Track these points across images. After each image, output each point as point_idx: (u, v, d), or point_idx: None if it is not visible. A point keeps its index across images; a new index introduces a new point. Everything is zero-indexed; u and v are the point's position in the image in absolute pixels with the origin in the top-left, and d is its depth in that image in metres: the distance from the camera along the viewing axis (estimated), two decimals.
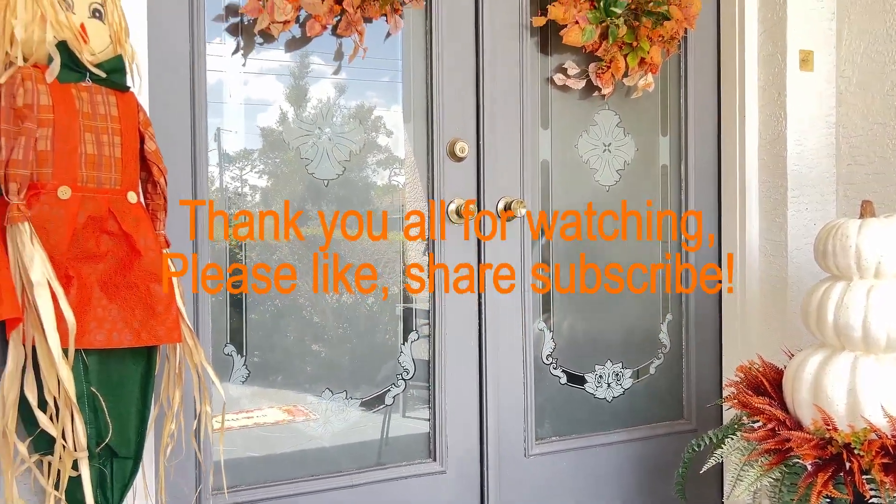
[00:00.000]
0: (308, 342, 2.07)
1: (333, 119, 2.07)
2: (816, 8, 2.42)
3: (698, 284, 2.55)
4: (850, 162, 2.43)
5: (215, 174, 1.96)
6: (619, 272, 2.45)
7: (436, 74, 2.15)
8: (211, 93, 1.91)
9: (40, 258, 1.33)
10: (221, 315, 1.95)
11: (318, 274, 2.06)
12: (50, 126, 1.39)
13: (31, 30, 1.39)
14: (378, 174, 2.15)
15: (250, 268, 1.98)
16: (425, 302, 2.19)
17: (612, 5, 2.21)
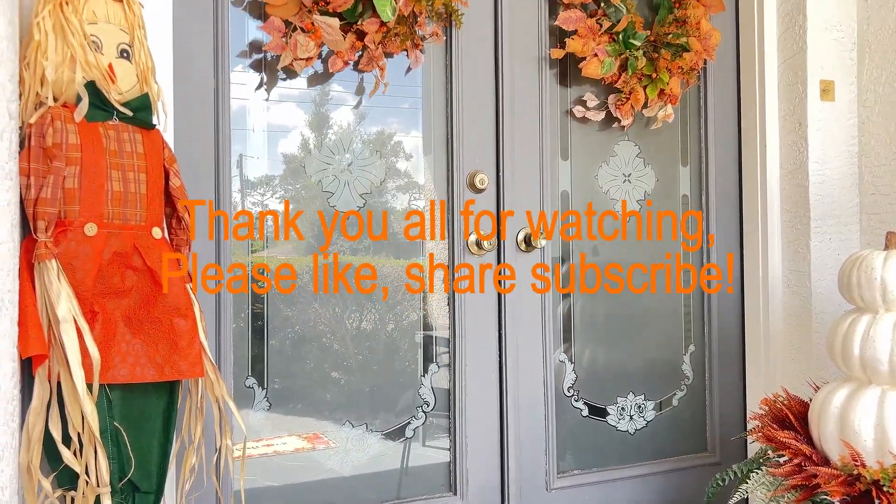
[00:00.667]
0: (328, 370, 2.07)
1: (355, 150, 2.09)
2: (837, 38, 2.41)
3: (720, 313, 2.53)
4: (873, 192, 2.41)
5: (237, 199, 1.99)
6: (640, 301, 2.44)
7: (456, 106, 2.17)
8: (234, 120, 1.94)
9: (66, 295, 1.35)
10: (243, 344, 1.96)
11: (336, 295, 2.07)
12: (78, 164, 1.41)
13: (61, 70, 1.42)
14: (398, 199, 2.16)
15: (272, 294, 1.99)
16: (445, 330, 2.19)
17: (631, 38, 2.22)
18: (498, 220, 2.22)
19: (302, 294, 2.04)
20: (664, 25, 2.31)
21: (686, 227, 2.52)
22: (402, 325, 2.16)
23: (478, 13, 2.18)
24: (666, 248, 2.49)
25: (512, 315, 2.21)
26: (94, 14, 1.46)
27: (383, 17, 1.88)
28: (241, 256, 1.96)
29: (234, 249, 1.95)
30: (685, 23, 2.32)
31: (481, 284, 2.19)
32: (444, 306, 2.18)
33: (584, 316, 2.37)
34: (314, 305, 2.05)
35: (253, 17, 1.96)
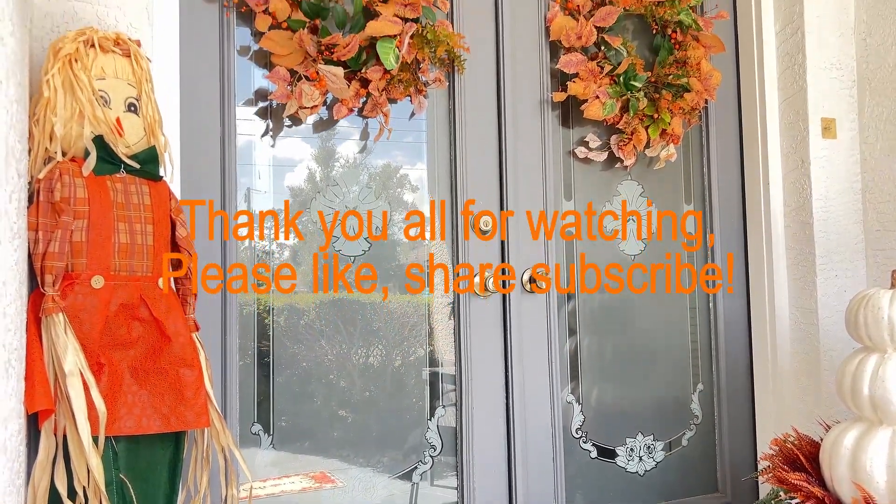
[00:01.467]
0: (335, 407, 2.07)
1: (360, 195, 2.11)
2: (837, 76, 2.43)
3: (728, 350, 2.51)
4: (878, 228, 2.41)
5: (250, 226, 2.00)
6: (646, 340, 2.43)
7: (459, 150, 2.19)
8: (241, 167, 1.96)
9: (73, 349, 1.36)
10: (249, 384, 1.95)
11: (342, 332, 2.07)
12: (85, 218, 1.43)
13: (69, 126, 1.44)
14: (411, 240, 2.17)
15: (278, 332, 2.00)
16: (451, 366, 2.18)
17: (632, 79, 2.25)
18: (502, 261, 2.22)
19: (308, 331, 2.04)
20: (665, 66, 2.34)
21: (692, 264, 2.52)
22: (409, 360, 2.15)
23: (480, 58, 2.21)
24: (671, 284, 2.49)
25: (518, 356, 2.21)
26: (102, 70, 1.49)
27: (387, 65, 1.91)
28: (247, 294, 1.97)
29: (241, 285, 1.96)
30: (686, 63, 2.34)
31: (487, 326, 2.19)
32: (450, 342, 2.18)
33: (591, 355, 2.36)
34: (321, 342, 2.05)
35: (259, 66, 1.99)
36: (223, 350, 1.90)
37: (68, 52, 1.44)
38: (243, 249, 1.98)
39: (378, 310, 2.13)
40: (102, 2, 1.63)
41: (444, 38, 2.00)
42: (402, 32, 1.93)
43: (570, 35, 2.22)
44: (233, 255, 1.92)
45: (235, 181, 1.93)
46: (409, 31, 1.94)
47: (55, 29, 1.58)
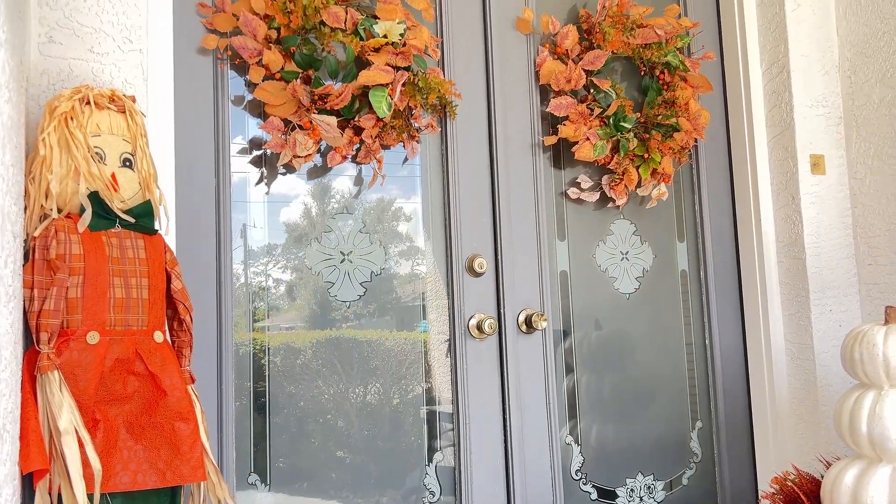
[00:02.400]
0: (333, 448, 2.05)
1: (355, 242, 2.12)
2: (823, 114, 2.47)
3: (725, 387, 2.51)
4: (870, 262, 2.43)
5: (240, 270, 2.00)
6: (644, 378, 2.43)
7: (452, 193, 2.21)
8: (236, 191, 1.98)
9: (68, 406, 1.35)
10: (244, 431, 1.94)
11: (339, 370, 2.06)
12: (81, 274, 1.43)
13: (65, 183, 1.45)
14: (406, 280, 2.18)
15: (274, 371, 1.99)
16: (449, 404, 2.17)
17: (621, 121, 2.28)
18: (498, 303, 2.23)
19: (305, 371, 2.04)
20: (654, 107, 2.37)
21: (687, 302, 2.53)
22: (408, 398, 2.15)
23: (471, 103, 2.24)
24: (668, 323, 2.50)
25: (516, 397, 2.20)
26: (97, 126, 1.50)
27: (379, 113, 1.93)
28: (242, 333, 1.97)
29: (237, 322, 1.96)
30: (674, 104, 2.37)
31: (484, 369, 2.18)
32: (448, 379, 2.18)
33: (588, 393, 2.35)
34: (317, 382, 2.05)
35: (253, 116, 2.02)
36: (219, 392, 1.89)
37: (64, 111, 1.46)
38: (239, 286, 1.99)
39: (375, 347, 2.13)
40: (98, 59, 1.65)
41: (435, 85, 2.03)
42: (393, 81, 1.96)
43: (560, 79, 2.25)
44: (228, 296, 1.92)
45: (230, 231, 1.94)
46: (401, 79, 1.97)
47: (51, 86, 1.60)
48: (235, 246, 2.00)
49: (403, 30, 2.00)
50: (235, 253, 2.00)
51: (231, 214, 1.95)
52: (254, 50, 1.89)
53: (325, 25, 1.94)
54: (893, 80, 2.35)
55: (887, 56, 2.37)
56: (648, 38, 2.33)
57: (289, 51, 1.91)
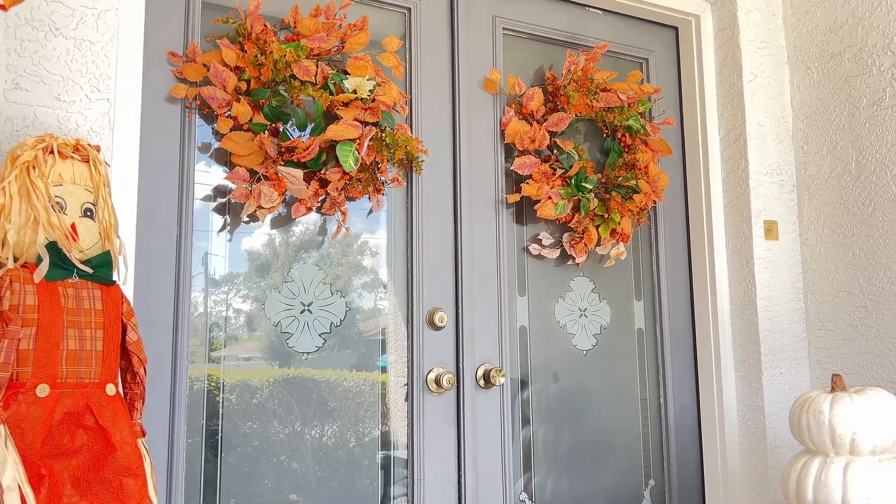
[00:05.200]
0: (286, 491, 2.02)
1: (316, 293, 2.12)
2: (778, 181, 2.56)
3: (678, 446, 2.54)
4: (819, 327, 2.50)
5: (199, 300, 1.99)
6: (599, 434, 2.45)
7: (416, 246, 2.23)
8: (197, 219, 1.97)
9: (13, 462, 1.32)
10: (195, 472, 1.90)
11: (294, 411, 2.04)
12: (34, 325, 1.41)
13: (23, 232, 1.44)
14: (368, 338, 2.18)
15: (229, 410, 1.97)
16: (405, 449, 2.16)
17: (583, 181, 2.33)
18: (457, 356, 2.24)
19: (261, 410, 2.01)
20: (615, 169, 2.43)
21: (643, 359, 2.57)
22: (364, 442, 2.13)
23: (437, 159, 2.27)
24: (624, 379, 2.53)
25: (472, 451, 2.21)
26: (59, 176, 1.49)
27: (346, 167, 1.95)
28: (201, 369, 1.95)
29: (193, 352, 1.94)
30: (634, 166, 2.44)
31: (441, 423, 2.18)
32: (404, 424, 2.17)
33: (545, 447, 2.36)
34: (273, 422, 2.03)
35: (218, 164, 2.02)
36: (170, 429, 1.86)
37: (26, 160, 1.45)
38: (197, 315, 1.97)
39: (333, 388, 2.12)
40: (64, 107, 1.65)
41: (402, 141, 2.06)
42: (361, 136, 1.99)
43: (524, 139, 2.30)
44: (184, 334, 1.90)
45: (190, 276, 1.93)
46: (369, 134, 2.00)
47: (15, 133, 1.59)
48: (196, 273, 1.98)
49: (373, 86, 2.03)
50: (196, 280, 1.98)
51: (191, 261, 1.94)
52: (223, 100, 1.90)
53: (295, 79, 1.96)
54: (843, 152, 2.45)
55: (837, 129, 2.47)
56: (611, 102, 2.40)
57: (258, 103, 1.93)
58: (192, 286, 1.95)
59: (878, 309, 2.33)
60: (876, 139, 2.36)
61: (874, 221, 2.35)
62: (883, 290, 2.31)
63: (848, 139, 2.44)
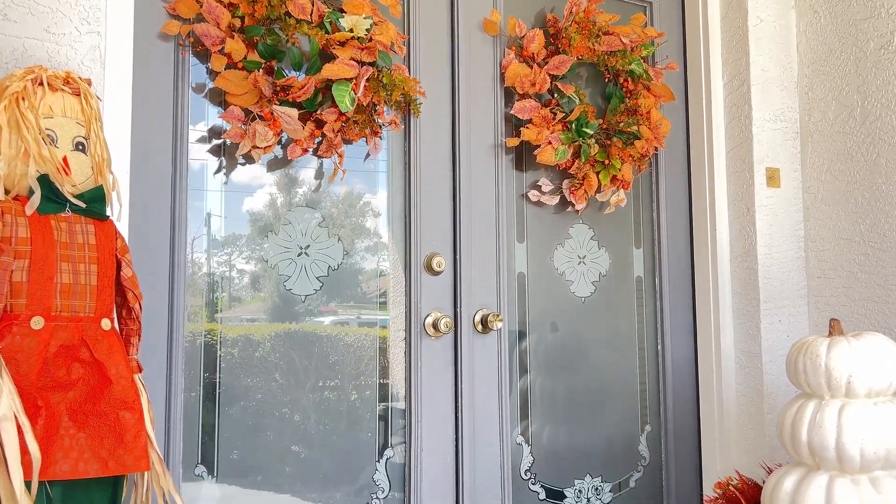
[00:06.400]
0: (287, 442, 2.04)
1: (313, 235, 2.11)
2: (781, 128, 2.52)
3: (675, 392, 2.55)
4: (819, 275, 2.49)
5: (203, 259, 1.99)
6: (596, 381, 2.46)
7: (414, 191, 2.21)
8: (195, 179, 1.96)
9: (8, 392, 1.33)
10: (194, 423, 1.92)
11: (296, 364, 2.06)
12: (27, 258, 1.41)
13: (14, 164, 1.42)
14: (365, 281, 2.18)
15: (231, 363, 1.98)
16: (403, 400, 2.18)
17: (583, 126, 2.30)
18: (455, 302, 2.24)
19: (262, 363, 2.02)
20: (616, 114, 2.40)
21: (641, 307, 2.57)
22: (365, 395, 2.14)
23: (435, 102, 2.24)
24: (622, 327, 2.53)
25: (469, 396, 2.22)
26: (50, 108, 1.47)
27: (342, 107, 1.93)
28: (198, 324, 1.95)
29: (193, 313, 1.94)
30: (636, 112, 2.41)
31: (438, 367, 2.19)
32: (402, 370, 2.18)
33: (542, 396, 2.38)
34: (274, 375, 2.04)
35: (213, 104, 2.00)
36: (168, 382, 1.87)
37: (16, 91, 1.43)
38: (200, 276, 1.97)
39: (334, 343, 2.13)
40: (54, 39, 1.62)
41: (400, 82, 2.03)
42: (358, 76, 1.96)
43: (525, 82, 2.27)
44: (181, 284, 1.90)
45: (185, 219, 1.92)
46: (366, 74, 1.97)
47: (4, 66, 1.57)
48: (199, 234, 1.98)
49: (370, 25, 1.99)
50: (198, 242, 1.98)
51: (187, 202, 1.93)
52: (216, 38, 1.87)
53: (290, 17, 1.92)
54: (848, 98, 2.41)
55: (843, 74, 2.43)
56: (614, 45, 2.35)
57: (252, 40, 1.90)
58: (196, 226, 1.94)
59: (879, 256, 2.31)
60: (882, 84, 2.32)
61: (878, 168, 2.32)
62: (884, 237, 2.30)
63: (853, 84, 2.40)
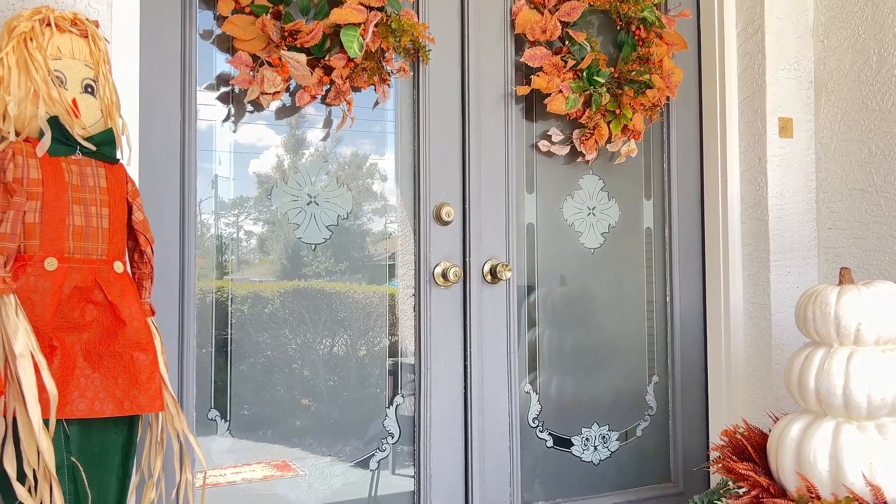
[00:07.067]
0: (297, 396, 2.07)
1: (322, 184, 2.11)
2: (795, 77, 2.49)
3: (683, 343, 2.57)
4: (830, 226, 2.47)
5: (211, 220, 1.99)
6: (604, 332, 2.47)
7: (423, 141, 2.20)
8: (202, 140, 1.95)
9: (24, 330, 1.34)
10: (207, 374, 1.95)
11: (307, 321, 2.07)
12: (39, 199, 1.41)
13: (24, 105, 1.42)
14: (374, 231, 2.19)
15: (241, 321, 2.00)
16: (412, 356, 2.20)
17: (595, 75, 2.27)
18: (464, 252, 2.24)
19: (272, 320, 2.04)
20: (628, 63, 2.37)
21: (651, 259, 2.57)
22: (374, 351, 2.17)
23: (445, 49, 2.21)
24: (631, 279, 2.53)
25: (478, 346, 2.23)
26: (58, 50, 1.47)
27: (350, 53, 1.91)
28: (209, 281, 1.97)
29: (203, 273, 1.96)
30: (648, 60, 2.37)
31: (447, 316, 2.20)
32: (412, 333, 2.20)
33: (550, 346, 2.39)
34: (284, 331, 2.06)
35: (221, 51, 1.98)
36: (180, 338, 1.89)
37: (23, 31, 1.42)
38: (209, 237, 1.98)
39: (343, 299, 2.14)
40: None
41: (408, 27, 2.00)
42: (366, 21, 1.93)
43: (535, 29, 2.24)
44: (191, 240, 1.91)
45: (195, 165, 1.92)
46: (374, 19, 1.94)
47: (10, 7, 1.56)
48: (206, 197, 1.98)
49: None
50: (205, 204, 1.98)
51: (196, 149, 1.93)
52: None
53: None
54: (864, 45, 2.37)
55: (860, 21, 2.39)
56: None
57: None
58: (202, 187, 1.94)
59: (892, 206, 2.29)
60: None
61: (892, 117, 2.29)
62: None
63: (870, 31, 2.35)
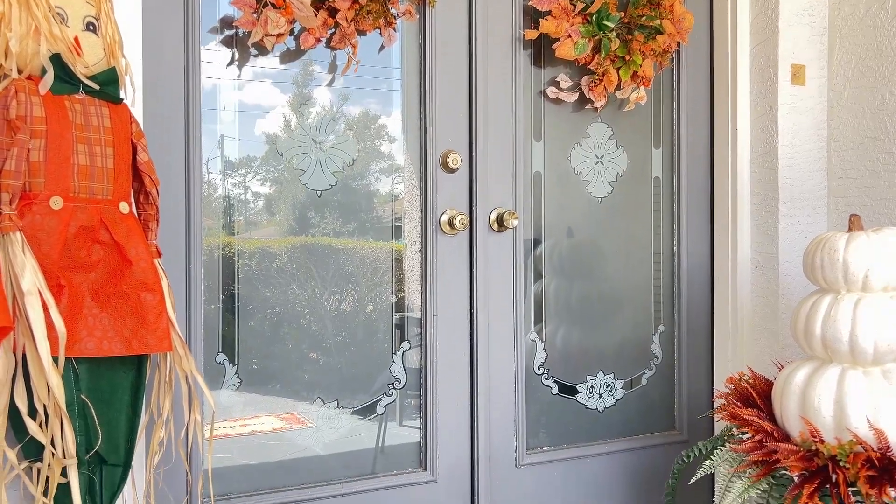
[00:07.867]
0: (305, 350, 2.09)
1: (328, 128, 2.09)
2: (808, 23, 2.44)
3: (689, 293, 2.56)
4: (841, 175, 2.45)
5: (218, 180, 1.99)
6: (611, 282, 2.47)
7: (429, 86, 2.17)
8: (206, 99, 1.94)
9: (31, 268, 1.35)
10: (215, 324, 1.97)
11: (314, 277, 2.08)
12: (43, 137, 1.41)
13: (25, 42, 1.41)
14: (380, 182, 2.18)
15: (249, 275, 2.00)
16: (419, 311, 2.21)
17: (604, 19, 2.23)
18: (470, 200, 2.23)
19: (280, 275, 2.05)
20: (638, 7, 2.32)
21: (659, 208, 2.55)
22: (382, 306, 2.17)
23: None
24: (638, 228, 2.52)
25: (484, 295, 2.23)
26: None
27: None
28: (216, 237, 1.97)
29: (210, 231, 1.96)
30: (659, 5, 2.32)
31: (453, 264, 2.20)
32: (419, 287, 2.20)
33: (556, 296, 2.39)
34: (292, 286, 2.06)
35: None
36: (187, 292, 1.90)
37: None
38: (216, 198, 1.98)
39: (350, 255, 2.14)
40: None
41: None
42: None
43: None
44: (197, 181, 1.90)
45: (199, 113, 1.90)
46: None
47: None
48: (212, 157, 1.97)
49: None
50: (212, 164, 1.97)
51: (201, 91, 1.91)
52: None
53: None
54: None
55: None
56: None
57: None
58: (203, 118, 1.93)
59: None
60: None
61: None
62: None
63: None
